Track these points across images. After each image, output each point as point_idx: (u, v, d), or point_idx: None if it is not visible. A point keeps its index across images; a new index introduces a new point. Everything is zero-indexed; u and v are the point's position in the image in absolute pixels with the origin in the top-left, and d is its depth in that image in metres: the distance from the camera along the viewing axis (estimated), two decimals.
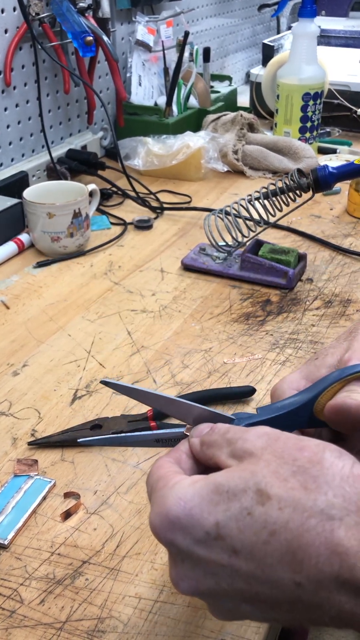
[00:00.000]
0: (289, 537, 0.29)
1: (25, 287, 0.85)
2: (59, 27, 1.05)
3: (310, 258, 0.89)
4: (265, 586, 0.30)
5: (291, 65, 1.22)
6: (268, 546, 0.30)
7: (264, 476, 0.31)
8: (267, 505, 0.30)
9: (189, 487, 0.32)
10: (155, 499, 0.33)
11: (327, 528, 0.29)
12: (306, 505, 0.30)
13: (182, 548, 0.31)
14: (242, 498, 0.30)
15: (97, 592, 0.46)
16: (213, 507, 0.31)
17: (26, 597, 0.46)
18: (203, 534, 0.31)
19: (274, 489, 0.30)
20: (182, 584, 0.33)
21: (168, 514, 0.31)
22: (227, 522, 0.30)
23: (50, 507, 0.52)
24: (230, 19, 1.75)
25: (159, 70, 1.30)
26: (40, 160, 1.09)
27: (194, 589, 0.32)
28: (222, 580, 0.31)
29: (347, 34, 1.78)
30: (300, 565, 0.29)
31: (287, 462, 0.31)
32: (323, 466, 0.31)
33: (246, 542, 0.30)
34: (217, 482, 0.31)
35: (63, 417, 0.62)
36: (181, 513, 0.31)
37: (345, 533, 0.29)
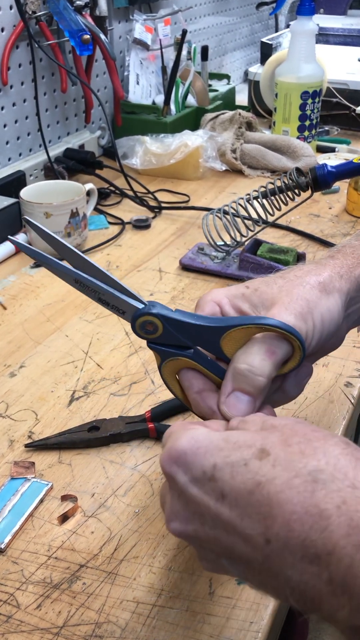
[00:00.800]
0: (272, 491, 0.31)
1: (23, 288, 0.84)
2: (56, 25, 1.04)
3: (309, 257, 0.89)
4: (240, 539, 0.32)
5: (290, 63, 1.22)
6: (251, 496, 0.31)
7: (272, 441, 0.33)
8: (264, 461, 0.32)
9: (204, 431, 0.35)
10: (169, 436, 0.35)
11: (308, 489, 0.30)
12: (297, 466, 0.31)
13: (180, 483, 0.34)
14: (245, 451, 0.33)
15: (95, 597, 0.45)
16: (217, 452, 0.33)
17: (23, 601, 0.45)
18: (200, 473, 0.33)
19: (275, 450, 0.32)
20: (172, 523, 0.35)
21: (177, 448, 0.34)
22: (223, 466, 0.32)
23: (47, 510, 0.52)
24: (228, 17, 1.74)
25: (157, 69, 1.29)
26: (38, 160, 1.08)
27: (183, 528, 0.35)
28: (206, 523, 0.33)
29: (346, 32, 1.77)
30: (274, 521, 0.30)
31: (297, 435, 0.33)
32: (326, 441, 0.33)
33: (234, 487, 0.32)
34: (229, 434, 0.34)
35: (60, 418, 0.61)
36: (188, 449, 0.34)
37: (324, 496, 0.30)
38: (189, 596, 0.45)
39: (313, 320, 0.42)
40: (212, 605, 0.44)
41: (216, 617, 0.44)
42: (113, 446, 0.58)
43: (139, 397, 0.64)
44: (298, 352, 0.41)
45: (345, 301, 0.45)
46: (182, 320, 0.42)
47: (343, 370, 0.67)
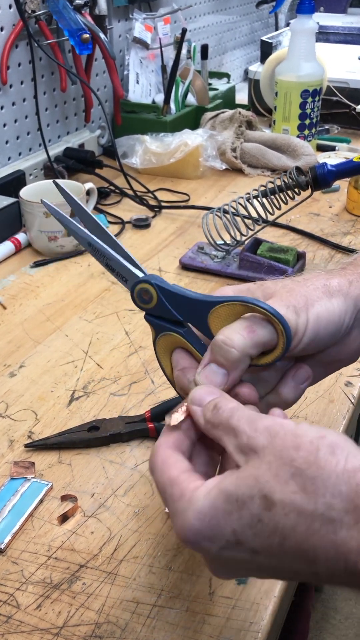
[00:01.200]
0: (299, 540, 0.32)
1: (22, 287, 0.84)
2: (56, 24, 1.04)
3: (309, 256, 0.89)
4: (287, 573, 0.35)
5: (290, 62, 1.22)
6: (283, 547, 0.33)
7: (267, 481, 0.33)
8: (274, 511, 0.32)
9: (205, 500, 0.35)
10: (175, 511, 0.36)
11: (330, 530, 0.32)
12: (308, 509, 0.32)
13: (210, 553, 0.35)
14: (250, 505, 0.33)
15: (95, 597, 0.45)
16: (228, 517, 0.34)
17: (22, 602, 0.45)
18: (224, 542, 0.34)
19: (277, 495, 0.33)
20: (220, 575, 0.38)
21: (192, 529, 0.34)
22: (242, 529, 0.33)
23: (47, 510, 0.52)
24: (228, 16, 1.74)
25: (157, 68, 1.29)
26: (37, 159, 1.08)
27: (230, 576, 0.40)
28: (251, 571, 0.36)
29: (346, 31, 1.77)
30: (314, 562, 0.32)
31: (285, 464, 0.33)
32: (319, 466, 0.32)
33: (264, 544, 0.33)
34: (227, 492, 0.34)
35: (60, 418, 0.61)
36: (202, 527, 0.34)
37: (346, 533, 0.31)
38: (189, 596, 0.45)
39: (307, 315, 0.42)
40: (212, 606, 0.44)
41: (216, 617, 0.44)
42: (113, 446, 0.58)
43: (139, 397, 0.64)
44: (282, 338, 0.41)
45: (354, 307, 0.44)
46: (173, 291, 0.43)
47: (343, 369, 0.67)
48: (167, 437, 0.39)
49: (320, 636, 1.37)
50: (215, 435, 0.37)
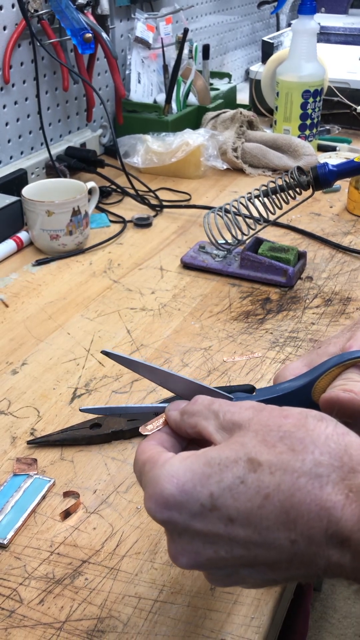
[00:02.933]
0: (282, 498, 0.31)
1: (24, 286, 0.84)
2: (58, 24, 1.04)
3: (310, 256, 0.89)
4: (263, 548, 0.32)
5: (291, 62, 1.22)
6: (263, 510, 0.31)
7: (254, 446, 0.32)
8: (259, 472, 0.31)
9: (180, 464, 0.33)
10: (147, 481, 0.34)
11: (315, 485, 0.31)
12: (295, 466, 0.31)
13: (179, 524, 0.32)
14: (234, 468, 0.32)
15: (97, 592, 0.46)
16: (206, 480, 0.32)
17: (25, 596, 0.45)
18: (198, 507, 0.32)
19: (264, 456, 0.32)
20: (181, 559, 0.34)
21: (162, 493, 0.32)
22: (221, 492, 0.32)
23: (50, 506, 0.52)
24: (229, 16, 1.74)
25: (158, 68, 1.29)
26: (39, 158, 1.08)
27: (194, 561, 0.33)
28: (220, 548, 0.32)
29: (347, 31, 1.77)
30: (294, 523, 0.31)
31: (273, 430, 0.33)
32: (307, 428, 0.32)
33: (241, 509, 0.31)
34: (208, 456, 0.33)
35: (62, 415, 0.62)
36: (175, 490, 0.32)
37: (332, 489, 0.30)
38: (191, 592, 0.45)
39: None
40: (214, 601, 0.45)
41: (217, 612, 0.44)
42: (115, 443, 0.58)
43: (141, 395, 0.64)
44: None
45: None
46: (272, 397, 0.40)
47: None
48: (149, 437, 0.38)
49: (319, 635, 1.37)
50: (191, 423, 0.36)
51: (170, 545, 0.34)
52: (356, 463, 0.31)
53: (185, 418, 0.37)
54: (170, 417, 0.38)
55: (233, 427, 0.34)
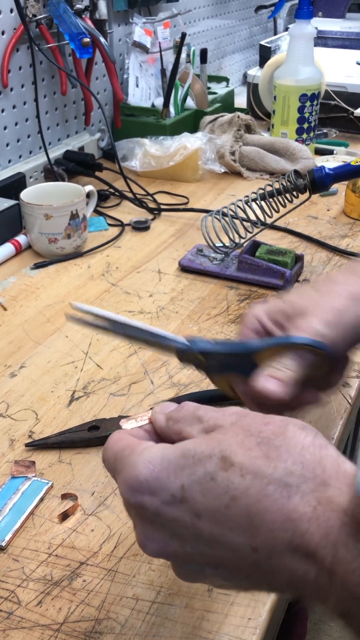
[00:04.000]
0: (249, 503, 0.30)
1: (23, 289, 0.85)
2: (56, 28, 1.05)
3: (307, 259, 0.90)
4: (225, 550, 0.31)
5: (288, 66, 1.23)
6: (229, 510, 0.31)
7: (230, 445, 0.32)
8: (230, 471, 0.31)
9: (158, 452, 0.33)
10: (124, 466, 0.34)
11: (284, 495, 0.30)
12: (266, 472, 0.31)
13: (150, 510, 0.32)
14: (207, 463, 0.32)
15: (95, 594, 0.46)
16: (179, 471, 0.32)
17: (23, 598, 0.46)
18: (169, 496, 0.32)
19: (238, 457, 0.31)
20: (149, 545, 0.34)
21: (138, 477, 0.33)
22: (191, 485, 0.32)
23: (48, 508, 0.52)
24: (227, 20, 1.75)
25: (156, 72, 1.30)
26: (38, 162, 1.09)
27: (161, 550, 0.33)
28: (186, 542, 0.32)
29: (344, 35, 1.78)
30: (257, 531, 0.30)
31: (252, 434, 0.32)
32: (286, 436, 0.32)
33: (208, 505, 0.31)
34: (185, 448, 0.33)
35: (60, 418, 0.62)
36: (150, 476, 0.32)
37: (300, 500, 0.30)
38: (188, 593, 0.46)
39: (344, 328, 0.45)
40: (211, 602, 0.45)
41: (215, 613, 0.44)
42: None
43: (139, 397, 0.64)
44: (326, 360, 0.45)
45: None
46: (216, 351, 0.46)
47: None
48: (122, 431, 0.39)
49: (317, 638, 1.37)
50: (176, 429, 0.36)
51: (139, 531, 0.34)
52: (328, 476, 0.31)
53: (171, 424, 0.37)
54: (156, 421, 0.38)
55: (214, 429, 0.34)
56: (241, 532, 0.31)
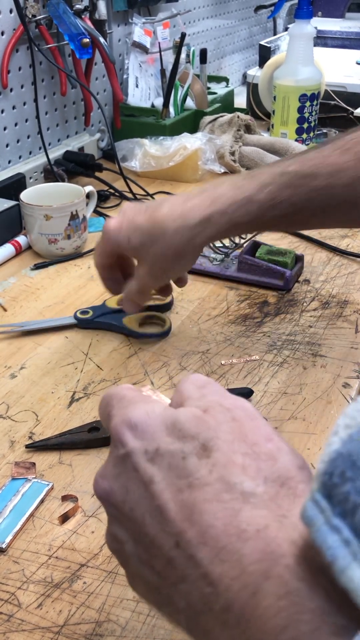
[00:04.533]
0: (199, 497, 0.29)
1: (23, 289, 0.84)
2: (56, 29, 1.05)
3: (307, 259, 0.89)
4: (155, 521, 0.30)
5: (288, 66, 1.23)
6: (180, 494, 0.30)
7: (217, 437, 0.31)
8: (202, 461, 0.30)
9: (159, 409, 0.33)
10: (127, 404, 0.34)
11: (235, 507, 0.28)
12: (233, 480, 0.29)
13: (126, 447, 0.32)
14: (187, 442, 0.31)
15: (95, 596, 0.46)
16: (162, 436, 0.32)
17: (24, 600, 0.45)
18: (143, 449, 0.32)
19: (218, 454, 0.30)
20: (101, 481, 0.33)
21: (132, 417, 0.33)
22: (164, 452, 0.31)
23: (48, 510, 0.52)
24: (226, 20, 1.75)
25: (156, 72, 1.30)
26: (37, 162, 1.09)
27: (108, 491, 0.33)
28: (131, 497, 0.31)
29: (344, 35, 1.78)
30: (189, 526, 0.29)
31: (246, 442, 0.31)
32: (276, 462, 0.30)
33: (167, 478, 0.31)
34: (177, 418, 0.32)
35: (61, 419, 0.62)
36: (141, 423, 0.33)
37: (247, 518, 0.28)
38: None
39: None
40: None
41: None
42: None
43: None
44: None
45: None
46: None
47: (341, 371, 0.68)
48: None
49: None
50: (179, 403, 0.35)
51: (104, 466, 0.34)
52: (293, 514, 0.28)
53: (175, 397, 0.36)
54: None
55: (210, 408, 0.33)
56: (175, 520, 0.29)
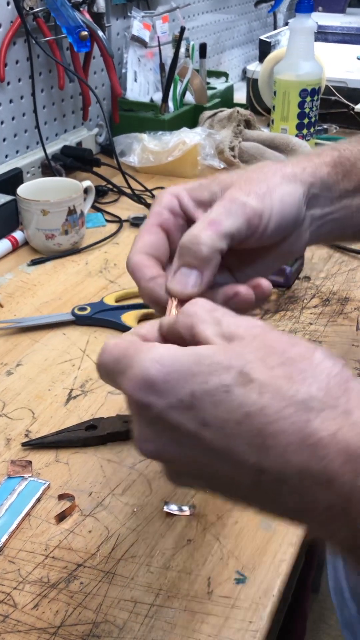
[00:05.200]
0: (263, 422, 0.29)
1: (19, 286, 0.83)
2: (54, 21, 1.03)
3: (307, 256, 0.89)
4: (227, 464, 0.30)
5: (288, 61, 1.21)
6: (240, 426, 0.29)
7: (250, 360, 0.30)
8: (248, 388, 0.29)
9: (167, 351, 0.31)
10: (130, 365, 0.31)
11: (302, 418, 0.28)
12: (287, 394, 0.29)
13: (154, 411, 0.30)
14: (223, 374, 0.30)
15: (92, 596, 0.45)
16: (191, 377, 0.30)
17: (20, 601, 0.45)
18: (176, 401, 0.30)
19: (258, 374, 0.30)
20: (145, 445, 0.32)
21: (146, 376, 0.30)
22: (202, 394, 0.30)
23: (45, 509, 0.52)
24: (226, 15, 1.74)
25: (155, 66, 1.29)
26: (35, 157, 1.08)
27: (156, 452, 0.32)
28: (186, 449, 0.31)
29: (345, 30, 1.77)
30: (268, 452, 0.29)
31: (276, 353, 0.30)
32: (312, 362, 0.30)
33: (218, 417, 0.29)
34: (199, 353, 0.30)
35: (58, 417, 0.61)
36: (159, 376, 0.30)
37: (320, 425, 0.28)
38: (187, 596, 0.45)
39: (272, 200, 0.42)
40: (211, 605, 0.44)
41: (215, 616, 0.43)
42: (110, 445, 0.58)
43: None
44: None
45: (306, 193, 0.45)
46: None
47: None
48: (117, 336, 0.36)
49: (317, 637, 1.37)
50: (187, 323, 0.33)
51: (139, 430, 0.32)
52: (353, 406, 0.29)
53: (182, 318, 0.34)
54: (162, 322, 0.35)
55: (233, 337, 0.31)
56: (250, 451, 0.29)
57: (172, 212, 0.43)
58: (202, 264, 0.39)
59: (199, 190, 0.43)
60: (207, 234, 0.39)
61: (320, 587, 1.44)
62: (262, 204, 0.41)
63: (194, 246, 0.39)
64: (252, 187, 0.41)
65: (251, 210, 0.40)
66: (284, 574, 0.46)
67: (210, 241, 0.39)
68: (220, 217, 0.39)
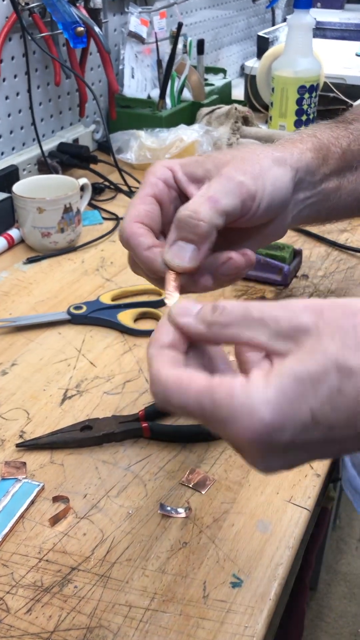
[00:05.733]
0: None
1: (15, 284, 0.83)
2: (50, 17, 1.02)
3: (305, 254, 0.88)
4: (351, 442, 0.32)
5: (286, 57, 1.21)
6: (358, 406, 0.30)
7: (336, 351, 0.30)
8: (354, 378, 0.30)
9: (267, 388, 0.30)
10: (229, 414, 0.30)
11: None
12: None
13: (281, 446, 0.31)
14: (327, 379, 0.30)
15: (86, 600, 0.44)
16: (302, 399, 0.30)
17: (12, 605, 0.44)
18: (300, 425, 0.30)
19: (352, 361, 0.30)
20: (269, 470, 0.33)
21: (263, 422, 0.30)
22: (320, 406, 0.30)
23: (39, 511, 0.51)
24: (224, 11, 1.73)
25: (152, 63, 1.28)
26: (31, 154, 1.07)
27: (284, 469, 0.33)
28: (314, 453, 0.32)
29: (343, 27, 1.76)
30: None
31: (348, 332, 0.30)
32: None
33: (342, 416, 0.30)
34: (295, 374, 0.30)
35: (52, 417, 0.60)
36: (275, 417, 0.30)
37: None
38: (183, 600, 0.44)
39: (264, 182, 0.44)
40: (206, 609, 0.44)
41: (210, 621, 0.43)
42: (106, 446, 0.57)
43: (133, 396, 0.63)
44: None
45: (294, 177, 0.47)
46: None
47: None
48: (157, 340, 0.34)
49: (314, 634, 1.37)
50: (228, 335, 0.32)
51: (266, 463, 0.32)
52: None
53: (217, 330, 0.33)
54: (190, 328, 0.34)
55: (296, 334, 0.31)
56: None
57: (166, 183, 0.44)
58: (200, 239, 0.40)
59: (194, 166, 0.45)
60: (205, 209, 0.40)
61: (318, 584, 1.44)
62: (255, 185, 0.43)
63: (193, 221, 0.40)
64: (247, 167, 0.43)
65: (246, 191, 0.42)
66: (281, 578, 0.46)
67: (209, 217, 0.40)
68: (219, 194, 0.41)
